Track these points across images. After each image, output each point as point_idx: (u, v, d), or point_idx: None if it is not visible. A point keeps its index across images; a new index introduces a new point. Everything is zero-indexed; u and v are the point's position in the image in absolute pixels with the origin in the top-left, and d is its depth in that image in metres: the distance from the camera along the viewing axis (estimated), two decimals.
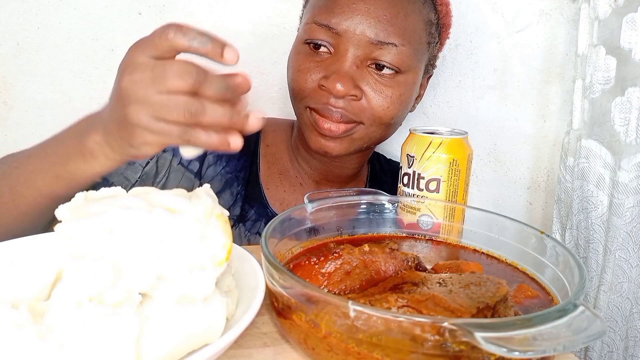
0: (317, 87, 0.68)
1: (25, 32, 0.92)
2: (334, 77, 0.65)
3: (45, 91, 0.95)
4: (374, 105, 0.68)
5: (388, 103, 0.68)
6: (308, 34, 0.69)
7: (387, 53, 0.67)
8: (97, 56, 0.94)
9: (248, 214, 0.77)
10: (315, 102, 0.68)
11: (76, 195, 0.38)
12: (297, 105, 0.72)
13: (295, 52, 0.71)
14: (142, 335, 0.33)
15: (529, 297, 0.44)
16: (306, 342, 0.37)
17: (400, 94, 0.69)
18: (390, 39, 0.66)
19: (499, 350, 0.29)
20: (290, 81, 0.71)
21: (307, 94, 0.69)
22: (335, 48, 0.68)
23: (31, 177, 0.53)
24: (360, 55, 0.67)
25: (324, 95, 0.67)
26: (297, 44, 0.72)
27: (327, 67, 0.67)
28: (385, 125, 0.71)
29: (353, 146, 0.71)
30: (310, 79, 0.68)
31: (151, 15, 0.94)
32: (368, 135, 0.71)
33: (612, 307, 0.84)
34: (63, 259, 0.33)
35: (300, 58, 0.70)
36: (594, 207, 0.85)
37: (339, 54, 0.67)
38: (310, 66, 0.68)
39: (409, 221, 0.59)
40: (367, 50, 0.67)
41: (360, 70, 0.67)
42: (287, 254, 0.50)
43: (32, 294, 0.35)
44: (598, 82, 0.82)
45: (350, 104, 0.67)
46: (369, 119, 0.69)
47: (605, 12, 0.80)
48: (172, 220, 0.35)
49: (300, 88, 0.69)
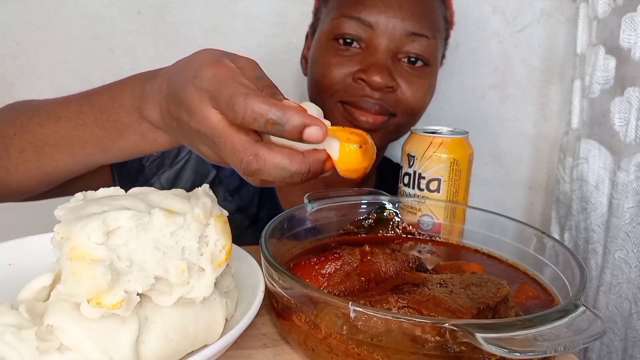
0: (351, 81, 0.68)
1: (25, 32, 0.92)
2: (372, 69, 0.66)
3: (45, 91, 0.95)
4: (408, 97, 0.69)
5: (421, 94, 0.70)
6: (338, 28, 0.69)
7: (419, 45, 0.68)
8: (97, 56, 0.94)
9: (259, 215, 0.77)
10: (351, 96, 0.68)
11: (75, 195, 0.38)
12: (327, 101, 0.71)
13: (322, 48, 0.71)
14: (141, 336, 0.33)
15: (529, 297, 0.44)
16: (306, 343, 0.37)
17: (429, 84, 0.72)
18: (423, 30, 0.68)
19: (499, 351, 0.29)
20: (319, 77, 0.70)
21: (340, 88, 0.69)
22: (368, 42, 0.68)
23: (65, 142, 0.50)
24: (394, 48, 0.68)
25: (359, 88, 0.67)
26: (323, 41, 0.71)
27: (362, 61, 0.68)
28: (416, 116, 0.73)
29: (386, 138, 0.73)
30: (343, 73, 0.68)
31: (151, 14, 0.93)
32: (400, 126, 0.72)
33: (611, 308, 0.84)
34: (62, 259, 0.33)
35: (329, 53, 0.69)
36: (593, 208, 0.85)
37: (373, 47, 0.68)
38: (342, 61, 0.68)
39: (410, 221, 0.59)
40: (401, 43, 0.68)
41: (394, 63, 0.68)
42: (287, 254, 0.50)
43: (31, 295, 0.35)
44: (597, 81, 0.82)
45: (387, 96, 0.68)
46: (402, 110, 0.70)
47: (605, 11, 0.80)
48: (170, 221, 0.34)
49: (331, 83, 0.69)
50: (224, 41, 0.96)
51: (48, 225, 0.53)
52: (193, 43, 0.96)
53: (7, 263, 0.45)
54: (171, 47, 0.96)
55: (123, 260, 0.33)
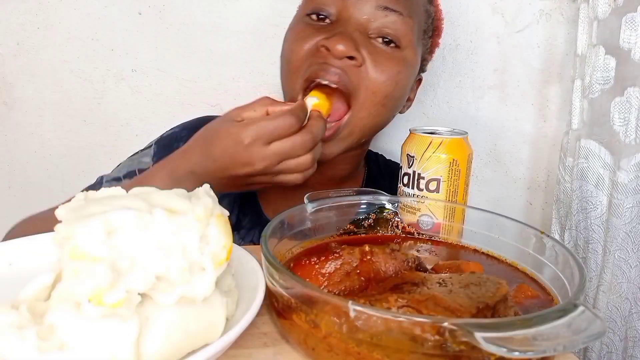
0: (315, 50, 0.65)
1: (25, 32, 0.92)
2: (336, 36, 0.63)
3: (45, 91, 0.95)
4: (372, 76, 0.65)
5: (385, 77, 0.65)
6: (309, 2, 0.68)
7: (391, 22, 0.65)
8: (97, 56, 0.94)
9: (242, 222, 0.77)
10: (311, 65, 0.64)
11: (76, 195, 0.38)
12: (294, 82, 0.67)
13: (293, 25, 0.69)
14: (142, 336, 0.33)
15: (529, 297, 0.44)
16: (306, 342, 0.37)
17: (398, 70, 0.67)
18: (398, 7, 0.66)
19: (498, 350, 0.29)
20: (286, 52, 0.68)
21: (304, 59, 0.65)
22: (338, 15, 0.66)
23: None
24: (364, 22, 0.65)
25: (321, 57, 0.64)
26: (296, 18, 0.70)
27: (329, 31, 0.65)
28: (377, 106, 0.67)
29: (343, 145, 0.69)
30: (308, 44, 0.65)
31: (151, 15, 0.94)
32: (357, 125, 0.67)
33: (611, 308, 0.84)
34: (63, 259, 0.33)
35: (299, 28, 0.68)
36: (593, 208, 0.85)
37: (343, 19, 0.66)
38: (310, 33, 0.66)
39: (409, 221, 0.59)
40: (372, 17, 0.65)
41: (363, 37, 0.65)
42: (287, 254, 0.50)
43: (32, 295, 0.35)
44: (597, 82, 0.82)
45: (351, 69, 0.64)
46: (362, 91, 0.65)
47: (605, 11, 0.80)
48: (172, 220, 0.35)
49: (296, 55, 0.66)
50: (224, 41, 0.97)
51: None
52: (193, 43, 0.96)
53: (8, 263, 0.45)
54: (171, 47, 0.96)
55: (124, 260, 0.33)
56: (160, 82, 0.97)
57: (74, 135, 0.98)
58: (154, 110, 0.98)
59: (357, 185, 0.85)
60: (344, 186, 0.83)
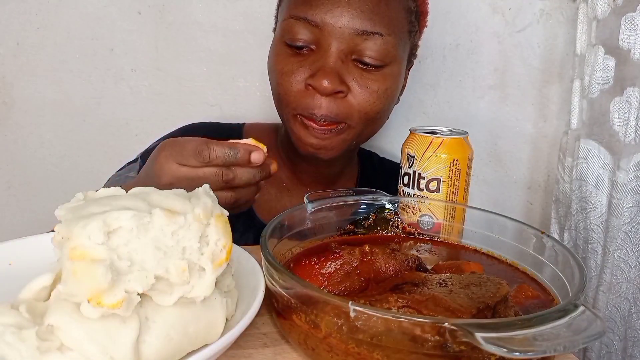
0: (303, 88, 0.65)
1: (25, 32, 0.92)
2: (319, 74, 0.63)
3: (45, 91, 0.95)
4: (360, 101, 0.65)
5: (374, 98, 0.66)
6: (286, 31, 0.66)
7: (372, 44, 0.64)
8: (97, 56, 0.94)
9: (235, 226, 0.76)
10: (303, 107, 0.66)
11: (76, 195, 0.38)
12: (284, 112, 0.69)
13: (275, 54, 0.69)
14: (141, 336, 0.33)
15: (529, 297, 0.44)
16: (306, 342, 0.37)
17: (386, 87, 0.67)
18: (376, 28, 0.64)
19: (499, 350, 0.29)
20: (276, 86, 0.68)
21: (294, 97, 0.66)
22: (317, 44, 0.65)
23: None
24: (345, 49, 0.64)
25: (310, 98, 0.65)
26: (276, 44, 0.69)
27: (312, 65, 0.65)
28: (372, 121, 0.69)
29: (344, 146, 0.69)
30: (296, 81, 0.66)
31: (151, 15, 0.94)
32: (356, 133, 0.69)
33: (611, 308, 0.84)
34: (62, 259, 0.33)
35: (281, 60, 0.67)
36: (592, 208, 0.85)
37: (322, 49, 0.65)
38: (293, 67, 0.66)
39: (409, 221, 0.59)
40: (352, 42, 0.64)
41: (346, 65, 0.65)
42: (287, 254, 0.50)
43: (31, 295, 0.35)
44: (597, 82, 0.82)
45: (337, 102, 0.65)
46: (354, 117, 0.66)
47: (604, 11, 0.80)
48: (171, 220, 0.34)
49: (286, 92, 0.67)
50: (224, 41, 0.96)
51: (48, 225, 0.53)
52: (193, 43, 0.96)
53: (8, 263, 0.45)
54: (171, 47, 0.96)
55: (123, 260, 0.33)
56: (160, 82, 0.97)
57: (74, 135, 0.98)
58: (153, 110, 0.98)
59: (352, 181, 0.85)
60: (338, 183, 0.83)
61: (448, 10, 0.97)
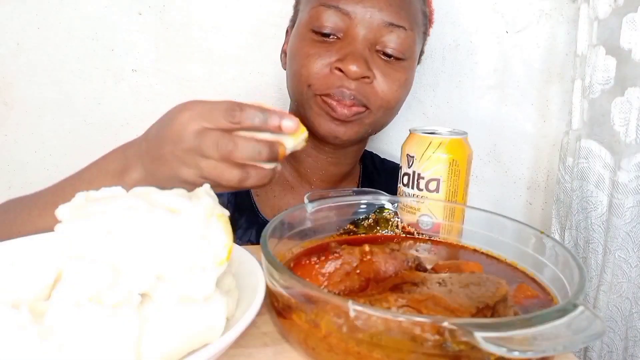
0: (328, 72, 0.68)
1: (25, 32, 0.92)
2: (349, 58, 0.66)
3: (45, 91, 0.95)
4: (384, 89, 0.69)
5: (397, 86, 0.70)
6: (315, 18, 0.68)
7: (396, 37, 0.68)
8: (97, 56, 0.94)
9: (238, 223, 0.77)
10: (328, 87, 0.67)
11: (76, 195, 0.38)
12: (305, 94, 0.70)
13: (301, 39, 0.70)
14: (142, 336, 0.33)
15: (528, 297, 0.44)
16: (306, 342, 0.37)
17: (406, 78, 0.71)
18: (401, 22, 0.68)
19: (498, 350, 0.29)
20: (299, 67, 0.70)
21: (318, 79, 0.68)
22: (346, 32, 0.68)
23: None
24: (371, 39, 0.68)
25: (336, 79, 0.67)
26: (302, 31, 0.71)
27: (340, 50, 0.67)
28: (390, 110, 0.72)
29: (362, 130, 0.72)
30: (321, 64, 0.68)
31: (151, 15, 0.94)
32: (374, 122, 0.72)
33: (612, 307, 0.84)
34: (63, 259, 0.33)
35: (308, 44, 0.69)
36: (593, 207, 0.85)
37: (350, 36, 0.67)
38: (320, 51, 0.68)
39: (409, 221, 0.59)
40: (378, 33, 0.68)
41: (371, 54, 0.68)
42: (287, 254, 0.50)
43: (32, 294, 0.35)
44: (598, 82, 0.82)
45: (363, 87, 0.68)
46: (376, 102, 0.69)
47: (605, 12, 0.80)
48: (172, 220, 0.35)
49: (309, 73, 0.68)
50: (224, 41, 0.97)
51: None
52: (193, 43, 0.96)
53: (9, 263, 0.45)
54: (171, 47, 0.96)
55: (124, 260, 0.33)
56: (160, 82, 0.97)
57: (74, 135, 0.98)
58: (154, 110, 0.98)
59: (354, 182, 0.86)
60: (342, 184, 0.83)
61: (448, 10, 0.97)
